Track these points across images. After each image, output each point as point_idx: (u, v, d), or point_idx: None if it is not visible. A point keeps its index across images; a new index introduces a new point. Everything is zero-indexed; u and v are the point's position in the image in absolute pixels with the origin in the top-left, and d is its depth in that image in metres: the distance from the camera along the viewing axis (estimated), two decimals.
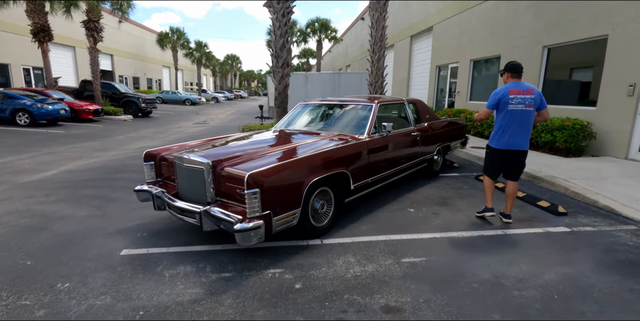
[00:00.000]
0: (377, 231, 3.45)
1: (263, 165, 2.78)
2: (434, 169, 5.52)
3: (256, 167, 2.74)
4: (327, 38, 30.00)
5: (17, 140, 9.57)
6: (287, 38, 7.87)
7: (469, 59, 10.92)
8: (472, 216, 3.86)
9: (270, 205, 2.68)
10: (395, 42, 17.48)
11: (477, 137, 9.52)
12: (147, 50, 34.52)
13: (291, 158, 2.98)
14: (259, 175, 2.61)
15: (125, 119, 16.45)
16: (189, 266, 2.77)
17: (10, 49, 18.47)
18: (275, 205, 2.71)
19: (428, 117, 5.25)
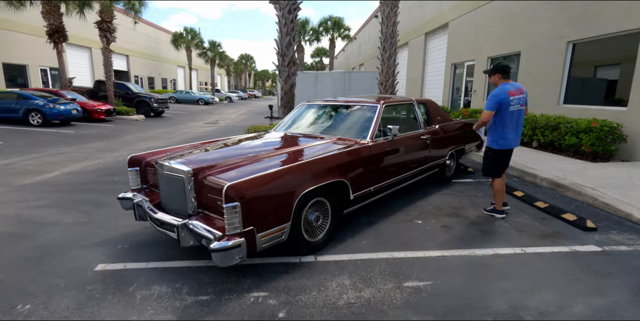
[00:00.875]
0: (378, 247, 3.10)
1: (248, 174, 2.48)
2: (446, 175, 5.12)
3: (240, 177, 2.44)
4: (340, 37, 29.55)
5: (26, 141, 9.61)
6: (293, 36, 7.57)
7: (486, 56, 10.37)
8: (486, 230, 3.46)
9: (254, 220, 2.37)
10: (410, 40, 16.97)
11: None
12: (162, 50, 34.88)
13: (280, 166, 2.67)
14: (240, 186, 2.31)
15: (137, 119, 16.50)
16: (165, 286, 2.50)
17: (28, 50, 18.84)
18: (259, 219, 2.41)
19: (440, 119, 4.85)
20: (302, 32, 28.94)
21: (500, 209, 3.77)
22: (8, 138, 9.83)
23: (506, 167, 3.78)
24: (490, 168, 3.74)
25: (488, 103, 3.46)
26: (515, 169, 5.64)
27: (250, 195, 2.32)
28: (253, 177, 2.40)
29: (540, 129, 7.16)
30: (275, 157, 2.96)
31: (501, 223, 3.62)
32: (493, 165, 3.72)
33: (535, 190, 4.83)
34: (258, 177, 2.43)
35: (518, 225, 3.59)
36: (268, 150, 3.16)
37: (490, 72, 3.63)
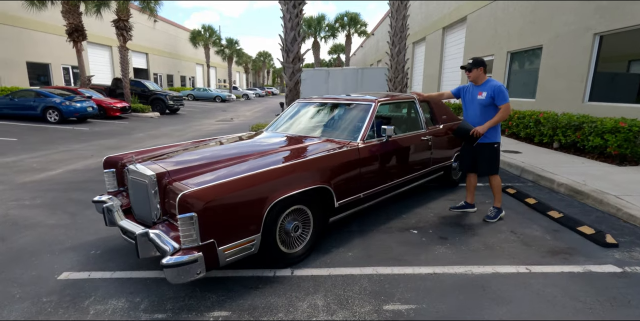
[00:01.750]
0: (364, 260, 2.81)
1: (213, 180, 2.25)
2: (452, 178, 4.74)
3: (203, 183, 2.22)
4: (356, 33, 28.99)
5: (40, 137, 9.78)
6: (299, 31, 7.30)
7: (506, 51, 9.78)
8: (489, 243, 3.11)
9: (215, 232, 2.14)
10: (427, 35, 16.37)
11: (512, 138, 8.46)
12: (181, 48, 35.35)
13: (250, 171, 2.41)
14: (197, 194, 2.07)
15: (152, 116, 16.68)
16: (123, 300, 2.30)
17: (51, 49, 19.39)
18: (222, 231, 2.17)
19: (445, 118, 4.47)
20: (318, 29, 28.60)
21: (500, 206, 3.72)
22: (24, 135, 10.04)
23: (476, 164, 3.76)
24: (497, 164, 3.62)
25: (507, 95, 3.41)
26: (531, 173, 5.19)
27: (210, 204, 2.08)
28: (214, 185, 2.16)
29: (561, 129, 6.62)
30: (250, 161, 2.72)
31: (507, 236, 3.26)
32: (499, 160, 3.63)
33: (551, 197, 4.39)
34: (220, 184, 2.19)
35: (526, 238, 3.21)
36: (246, 153, 2.92)
37: (472, 66, 3.46)
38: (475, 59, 3.51)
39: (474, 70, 3.47)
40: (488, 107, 3.48)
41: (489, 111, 3.48)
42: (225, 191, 2.17)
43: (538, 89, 8.49)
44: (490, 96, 3.43)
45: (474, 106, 3.55)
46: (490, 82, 3.47)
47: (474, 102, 3.54)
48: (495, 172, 3.61)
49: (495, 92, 3.38)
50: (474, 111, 3.57)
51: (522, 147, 7.28)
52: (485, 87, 3.46)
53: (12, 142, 9.06)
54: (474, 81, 3.54)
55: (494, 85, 3.42)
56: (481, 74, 3.49)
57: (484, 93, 3.46)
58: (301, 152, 2.92)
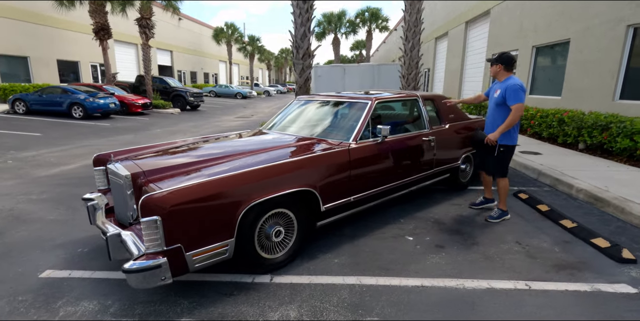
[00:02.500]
0: (350, 268, 2.65)
1: (185, 182, 2.16)
2: (461, 181, 4.47)
3: (175, 185, 2.13)
4: (377, 28, 28.39)
5: (63, 133, 10.15)
6: (309, 27, 7.14)
7: (531, 46, 9.21)
8: (489, 254, 2.87)
9: (182, 237, 2.05)
10: (450, 30, 15.78)
11: (533, 138, 7.98)
12: (205, 45, 35.95)
13: (226, 173, 2.30)
14: (162, 198, 1.98)
15: (172, 112, 17.02)
16: (95, 302, 2.26)
17: (80, 48, 20.15)
18: (189, 236, 2.08)
19: (452, 117, 4.21)
20: (338, 25, 28.23)
21: (506, 209, 3.60)
22: (48, 131, 10.45)
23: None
24: (506, 167, 3.50)
25: (520, 95, 3.19)
26: (549, 176, 4.82)
27: (175, 208, 1.99)
28: (181, 187, 2.07)
29: (587, 129, 6.15)
30: (234, 162, 2.61)
31: (511, 246, 3.00)
32: (508, 163, 3.51)
33: (568, 203, 4.05)
34: (188, 186, 2.09)
35: (532, 249, 2.95)
36: (231, 153, 2.81)
37: (493, 61, 3.37)
38: (500, 54, 3.36)
39: (494, 65, 3.36)
40: (501, 106, 3.32)
41: (501, 111, 3.32)
42: (193, 194, 2.07)
43: (564, 86, 7.95)
44: (502, 95, 3.25)
45: (491, 104, 3.45)
46: (509, 80, 3.28)
47: (492, 100, 3.44)
48: (503, 175, 3.50)
49: (508, 90, 3.19)
50: (490, 110, 3.49)
51: (544, 147, 6.83)
52: (503, 85, 3.30)
53: (37, 136, 9.44)
54: (494, 77, 3.46)
55: (508, 84, 3.24)
56: (501, 71, 3.34)
57: (499, 91, 3.32)
58: (287, 153, 2.78)
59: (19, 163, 6.52)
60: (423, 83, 21.65)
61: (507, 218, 3.55)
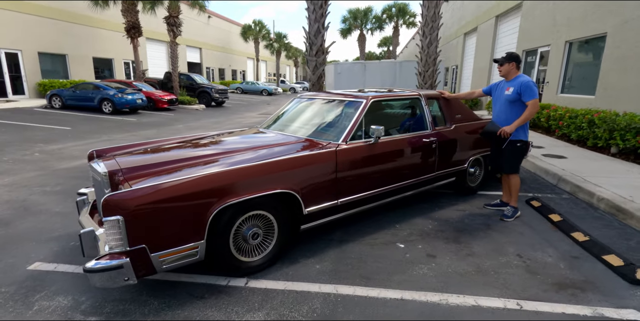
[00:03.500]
0: (330, 275, 2.54)
1: (155, 182, 2.12)
2: (469, 185, 4.21)
3: (145, 184, 2.10)
4: (405, 24, 27.63)
5: (91, 127, 10.62)
6: (323, 22, 6.99)
7: (564, 40, 8.58)
8: (485, 267, 2.65)
9: (147, 237, 2.01)
10: (479, 25, 15.07)
11: (561, 140, 7.44)
12: (233, 42, 36.56)
13: (200, 173, 2.25)
14: (125, 197, 1.95)
15: (197, 108, 17.43)
16: (69, 298, 2.29)
17: (113, 45, 21.04)
18: (155, 237, 2.04)
19: (459, 117, 3.95)
20: (364, 21, 27.74)
21: (517, 206, 3.64)
22: (78, 125, 10.97)
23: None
24: (519, 163, 3.53)
25: (535, 91, 3.28)
26: (569, 183, 4.45)
27: (139, 207, 1.96)
28: (145, 187, 2.03)
29: (619, 131, 5.63)
30: (211, 162, 2.55)
31: (510, 259, 2.76)
32: (521, 160, 3.53)
33: (586, 214, 3.70)
34: (154, 186, 2.05)
35: (534, 263, 2.70)
36: (216, 153, 2.76)
37: (505, 60, 3.39)
38: (510, 53, 3.44)
39: (505, 64, 3.39)
40: (514, 103, 3.36)
41: (515, 108, 3.37)
42: (158, 194, 2.03)
43: (599, 84, 7.34)
44: (516, 91, 3.30)
45: (501, 102, 3.46)
46: (520, 77, 3.38)
47: (502, 98, 3.46)
48: (514, 171, 3.51)
49: (523, 87, 3.26)
50: (500, 108, 3.48)
51: (571, 151, 6.34)
52: (514, 83, 3.36)
53: (66, 130, 9.92)
54: (504, 76, 3.48)
55: (521, 81, 3.31)
56: (513, 70, 3.39)
57: (511, 89, 3.35)
58: (269, 153, 2.69)
59: (44, 155, 6.86)
60: (450, 81, 20.90)
61: (519, 216, 3.61)
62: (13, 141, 8.05)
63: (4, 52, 15.46)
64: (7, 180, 5.12)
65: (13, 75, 15.99)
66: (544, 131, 8.46)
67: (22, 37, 15.98)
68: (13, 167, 5.92)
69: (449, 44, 21.22)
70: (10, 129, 9.55)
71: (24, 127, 9.93)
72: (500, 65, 3.43)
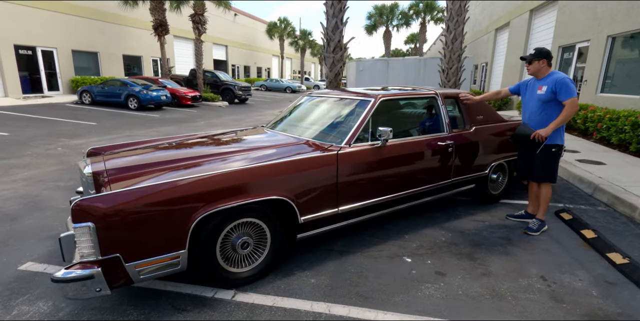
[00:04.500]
0: (325, 291, 2.31)
1: (135, 186, 1.97)
2: (490, 193, 3.85)
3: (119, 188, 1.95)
4: (432, 20, 26.68)
5: (116, 123, 10.87)
6: (341, 18, 6.72)
7: (606, 35, 7.86)
8: (500, 290, 2.34)
9: (121, 246, 1.87)
10: (511, 20, 14.24)
11: (600, 144, 6.81)
12: (259, 40, 36.80)
13: (182, 177, 2.08)
14: (96, 203, 1.81)
15: (220, 105, 17.59)
16: (49, 304, 2.19)
17: (142, 43, 21.62)
18: (130, 245, 1.89)
19: (481, 118, 3.60)
20: (390, 17, 27.04)
21: (544, 219, 3.30)
22: (103, 120, 11.27)
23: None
24: (556, 170, 3.13)
25: (573, 89, 2.92)
26: (606, 193, 3.99)
27: (112, 214, 1.81)
28: (119, 192, 1.88)
29: None
30: (205, 165, 2.38)
31: (533, 282, 2.43)
32: (557, 166, 3.14)
33: (626, 230, 3.27)
34: (128, 191, 1.89)
35: (560, 288, 2.35)
36: (208, 154, 2.59)
37: (533, 57, 3.03)
38: (539, 49, 3.07)
39: (534, 62, 3.04)
40: (549, 103, 2.99)
41: (550, 108, 3.02)
42: (134, 199, 1.87)
43: None
44: (551, 90, 2.94)
45: (533, 103, 3.10)
46: (553, 74, 3.02)
47: (533, 98, 3.09)
48: (551, 180, 3.14)
49: (558, 84, 2.91)
50: (532, 109, 3.11)
51: (610, 156, 5.77)
52: (547, 81, 2.99)
53: (92, 125, 10.20)
54: (534, 75, 3.12)
55: (556, 78, 2.93)
56: (544, 67, 3.04)
57: (544, 88, 2.99)
58: (263, 156, 2.49)
59: (67, 150, 7.03)
60: (480, 78, 20.00)
61: (545, 230, 3.24)
62: (40, 135, 8.33)
63: (40, 50, 16.19)
64: (27, 174, 5.23)
65: (48, 72, 16.73)
66: (580, 133, 7.82)
67: (57, 36, 16.69)
68: (35, 160, 6.07)
69: (478, 40, 20.29)
70: (40, 124, 9.92)
71: (52, 122, 10.30)
72: (528, 63, 3.07)
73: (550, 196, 3.21)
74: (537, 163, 3.12)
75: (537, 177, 3.16)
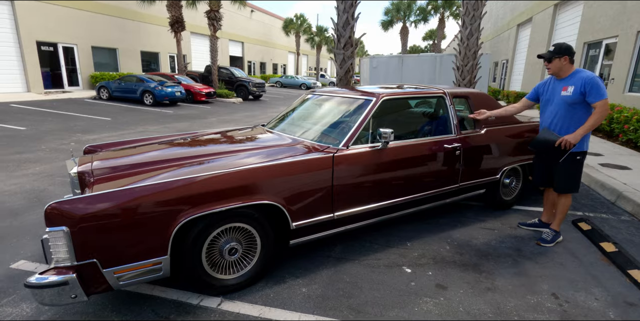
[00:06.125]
0: (315, 303, 2.18)
1: (115, 188, 1.89)
2: (502, 198, 3.63)
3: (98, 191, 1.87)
4: (452, 15, 25.92)
5: (130, 118, 11.01)
6: (352, 13, 6.52)
7: (636, 31, 7.38)
8: (506, 307, 2.15)
9: (98, 251, 1.79)
10: (534, 15, 13.66)
11: (626, 147, 6.40)
12: (275, 36, 36.77)
13: (166, 179, 1.98)
14: (70, 206, 1.73)
15: (234, 102, 17.63)
16: (32, 307, 2.14)
17: (160, 39, 21.89)
18: (107, 251, 1.81)
19: (493, 119, 3.37)
20: (408, 13, 26.44)
21: (559, 230, 3.05)
22: (118, 116, 11.43)
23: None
24: (579, 180, 2.88)
25: (604, 89, 2.62)
26: (631, 201, 3.70)
27: (86, 218, 1.72)
28: (97, 195, 1.79)
29: None
30: (192, 167, 2.27)
31: (543, 300, 2.23)
32: (580, 176, 2.89)
33: None
34: (105, 194, 1.81)
35: (573, 308, 2.15)
36: (197, 155, 2.49)
37: (552, 54, 2.71)
38: (559, 44, 2.75)
39: (555, 60, 2.71)
40: (575, 105, 2.68)
41: (576, 111, 2.71)
42: (111, 203, 1.78)
43: None
44: (579, 91, 2.63)
45: (555, 105, 2.78)
46: (580, 73, 2.71)
47: (555, 99, 2.78)
48: (575, 190, 2.89)
49: (587, 84, 2.60)
50: (555, 112, 2.79)
51: (637, 160, 5.40)
52: (572, 80, 2.68)
53: (106, 121, 10.36)
54: (555, 74, 2.81)
55: (585, 77, 2.62)
56: (566, 65, 2.73)
57: (570, 89, 2.67)
58: (254, 158, 2.37)
59: (79, 145, 7.12)
60: (500, 76, 19.36)
61: (560, 241, 3.01)
62: (55, 130, 8.49)
63: (61, 46, 16.59)
64: (38, 169, 5.30)
65: (69, 68, 17.14)
66: (605, 135, 7.39)
67: (77, 32, 17.05)
68: (48, 155, 6.16)
69: (499, 36, 19.62)
70: (57, 119, 10.13)
71: (69, 117, 10.51)
72: (548, 61, 2.75)
73: (569, 206, 2.96)
74: (560, 172, 2.82)
75: (561, 187, 2.88)
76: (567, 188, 2.86)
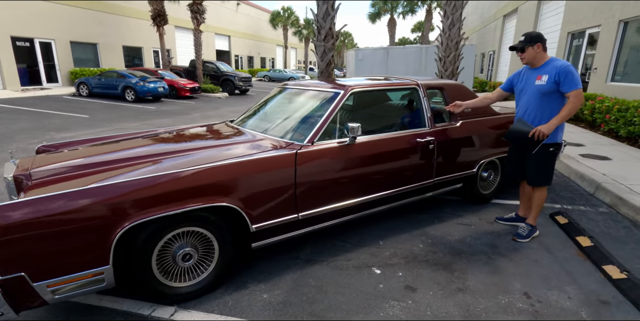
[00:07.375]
0: (276, 310, 2.06)
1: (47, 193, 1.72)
2: (480, 192, 3.54)
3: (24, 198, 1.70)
4: (439, 7, 25.77)
5: (109, 115, 10.68)
6: (332, 4, 6.33)
7: (617, 20, 7.32)
8: (474, 310, 2.05)
9: (26, 264, 1.63)
10: (519, 6, 13.58)
11: (607, 137, 6.38)
12: (262, 30, 36.19)
13: (109, 182, 1.82)
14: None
15: (219, 97, 17.29)
16: (9, 316, 1.98)
17: (143, 34, 21.31)
18: (38, 263, 1.65)
19: (468, 111, 3.26)
20: (395, 4, 26.22)
21: (535, 224, 2.96)
22: (97, 113, 11.09)
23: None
24: (552, 172, 2.80)
25: (578, 78, 2.55)
26: (609, 193, 3.64)
27: (11, 228, 1.56)
28: (23, 201, 1.63)
29: None
30: (136, 166, 2.11)
31: (514, 299, 2.14)
32: (553, 168, 2.82)
33: (628, 236, 2.94)
34: (36, 200, 1.64)
35: (545, 308, 2.06)
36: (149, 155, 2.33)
37: (524, 44, 2.64)
38: (528, 33, 2.69)
39: (528, 49, 2.64)
40: (549, 95, 2.63)
41: (550, 101, 2.64)
42: (40, 210, 1.62)
43: None
44: (553, 80, 2.55)
45: (530, 95, 2.70)
46: (554, 61, 2.63)
47: (529, 89, 2.70)
48: (547, 182, 2.81)
49: (562, 73, 2.52)
50: (529, 102, 2.70)
51: (617, 150, 5.37)
52: (547, 69, 2.60)
53: (84, 118, 10.03)
54: (529, 63, 2.72)
55: (558, 66, 2.55)
56: (539, 53, 2.65)
57: (544, 77, 2.60)
58: (208, 157, 2.21)
59: None
60: (487, 67, 19.34)
61: (536, 236, 2.93)
62: (27, 129, 8.18)
63: (38, 42, 16.02)
64: None
65: (47, 64, 16.59)
66: (587, 125, 7.38)
67: (55, 27, 16.47)
68: (14, 156, 5.88)
69: (486, 27, 19.55)
70: (31, 117, 9.78)
71: (45, 115, 10.15)
72: (520, 51, 2.66)
73: (545, 199, 2.87)
74: (532, 164, 2.75)
75: (532, 180, 2.80)
76: (539, 182, 2.78)
